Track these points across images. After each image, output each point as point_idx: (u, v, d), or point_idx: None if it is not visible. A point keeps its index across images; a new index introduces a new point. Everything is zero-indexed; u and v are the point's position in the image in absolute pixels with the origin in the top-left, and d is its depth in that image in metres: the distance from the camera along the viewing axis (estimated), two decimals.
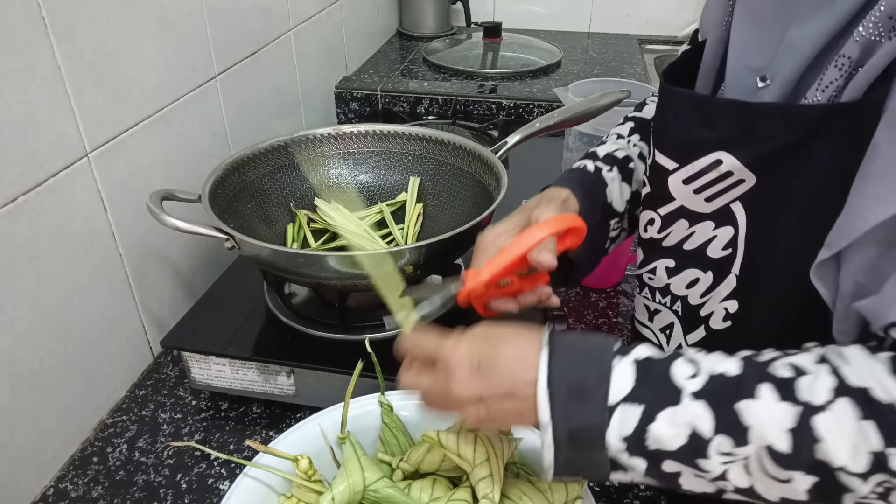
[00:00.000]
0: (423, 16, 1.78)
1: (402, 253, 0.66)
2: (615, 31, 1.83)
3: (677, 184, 0.53)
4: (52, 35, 0.63)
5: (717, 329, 0.55)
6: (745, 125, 0.46)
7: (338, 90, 1.41)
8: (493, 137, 1.28)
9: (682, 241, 0.55)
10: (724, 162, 0.48)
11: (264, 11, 1.06)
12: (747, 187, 0.48)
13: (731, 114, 0.47)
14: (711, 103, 0.50)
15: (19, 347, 0.63)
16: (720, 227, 0.52)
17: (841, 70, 0.43)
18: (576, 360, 0.44)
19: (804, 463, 0.38)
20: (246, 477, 0.55)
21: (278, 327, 0.76)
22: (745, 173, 0.48)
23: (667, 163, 0.53)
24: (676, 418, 0.40)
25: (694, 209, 0.53)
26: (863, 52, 0.41)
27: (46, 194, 0.64)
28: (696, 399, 0.40)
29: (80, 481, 0.68)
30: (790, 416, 0.39)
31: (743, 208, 0.50)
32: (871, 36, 0.40)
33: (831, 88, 0.43)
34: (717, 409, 0.40)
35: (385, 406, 0.60)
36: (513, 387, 0.44)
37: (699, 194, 0.51)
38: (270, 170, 0.86)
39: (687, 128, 0.50)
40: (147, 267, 0.81)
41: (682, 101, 0.51)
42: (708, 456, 0.40)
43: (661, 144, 0.54)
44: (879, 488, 0.38)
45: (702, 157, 0.49)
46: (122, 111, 0.75)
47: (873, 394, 0.37)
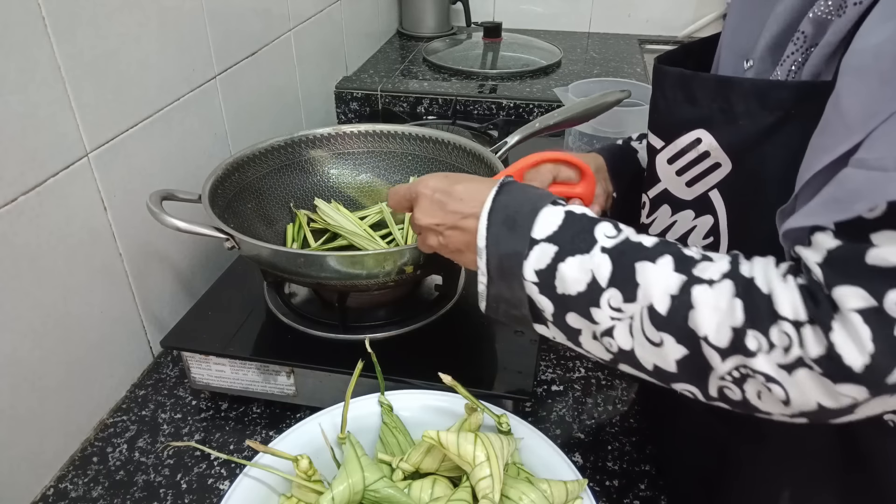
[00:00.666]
0: (423, 16, 1.78)
1: (402, 253, 0.66)
2: (615, 31, 1.83)
3: (663, 163, 0.55)
4: (52, 35, 0.63)
5: None
6: (724, 103, 0.48)
7: (338, 90, 1.41)
8: (493, 137, 1.28)
9: (666, 230, 0.57)
10: (703, 141, 0.50)
11: (264, 11, 1.06)
12: (724, 174, 0.50)
13: (711, 89, 0.49)
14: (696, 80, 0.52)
15: (19, 347, 0.63)
16: (700, 216, 0.53)
17: (796, 45, 0.45)
18: (516, 199, 0.50)
19: (676, 327, 0.42)
20: (246, 477, 0.55)
21: (278, 327, 0.76)
22: (721, 156, 0.49)
23: (655, 142, 0.55)
24: (582, 264, 0.46)
25: (676, 194, 0.55)
26: (816, 29, 0.44)
27: (46, 194, 0.64)
28: (604, 253, 0.45)
29: (80, 481, 0.68)
30: (676, 283, 0.43)
31: (721, 197, 0.51)
32: (824, 14, 0.43)
33: (788, 63, 0.46)
34: (617, 264, 0.45)
35: (385, 406, 0.60)
36: (462, 218, 0.52)
37: (681, 176, 0.53)
38: (270, 170, 0.86)
39: (673, 106, 0.53)
40: (147, 267, 0.81)
41: (670, 78, 0.53)
42: (600, 305, 0.45)
43: (652, 124, 0.57)
44: (736, 372, 0.41)
45: (684, 135, 0.51)
46: (122, 111, 0.75)
47: (755, 282, 0.41)
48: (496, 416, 0.58)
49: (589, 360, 0.81)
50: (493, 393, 0.66)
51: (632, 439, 0.71)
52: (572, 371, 0.80)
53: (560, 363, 0.81)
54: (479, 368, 0.70)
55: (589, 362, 0.81)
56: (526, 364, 0.70)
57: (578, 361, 0.81)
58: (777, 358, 0.39)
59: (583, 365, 0.81)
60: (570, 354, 0.82)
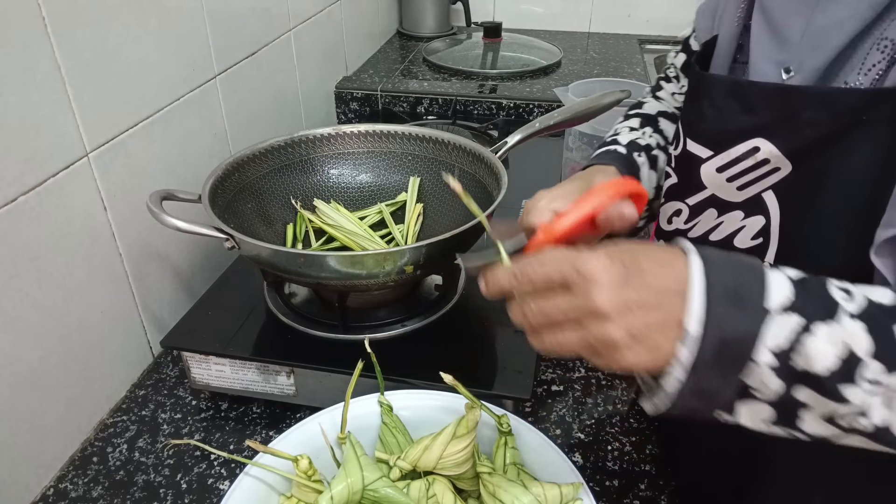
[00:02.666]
0: (423, 16, 1.78)
1: (402, 253, 0.66)
2: (615, 31, 1.83)
3: (710, 172, 0.52)
4: (52, 35, 0.63)
5: None
6: (786, 111, 0.46)
7: (338, 90, 1.41)
8: (493, 137, 1.28)
9: (709, 232, 0.55)
10: (762, 149, 0.48)
11: (264, 11, 1.06)
12: (781, 176, 0.48)
13: (772, 99, 0.47)
14: (753, 88, 0.50)
15: (19, 347, 0.63)
16: (749, 216, 0.51)
17: (883, 52, 0.43)
18: (730, 268, 0.40)
19: None
20: (246, 476, 0.55)
21: (278, 327, 0.76)
22: (782, 161, 0.47)
23: (700, 151, 0.53)
24: (834, 334, 0.37)
25: (724, 198, 0.52)
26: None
27: (46, 194, 0.64)
28: (855, 319, 0.38)
29: (80, 481, 0.68)
30: None
31: (775, 197, 0.49)
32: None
33: (874, 71, 0.43)
34: (875, 333, 0.37)
35: (385, 406, 0.60)
36: (661, 295, 0.39)
37: (732, 182, 0.51)
38: (270, 170, 0.86)
39: (725, 115, 0.50)
40: (147, 267, 0.81)
41: (720, 87, 0.51)
42: (855, 382, 0.37)
43: (694, 133, 0.54)
44: None
45: (739, 144, 0.49)
46: (122, 111, 0.75)
47: None
48: (496, 416, 0.58)
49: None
50: (493, 393, 0.66)
51: (632, 439, 0.71)
52: (572, 371, 0.80)
53: (560, 363, 0.81)
54: (479, 368, 0.70)
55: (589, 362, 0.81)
56: (526, 364, 0.70)
57: (578, 361, 0.81)
58: None
59: (583, 365, 0.81)
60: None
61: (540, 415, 0.74)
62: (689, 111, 0.55)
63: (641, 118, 0.71)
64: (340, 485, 0.52)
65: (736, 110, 0.49)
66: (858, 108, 0.43)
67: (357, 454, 0.55)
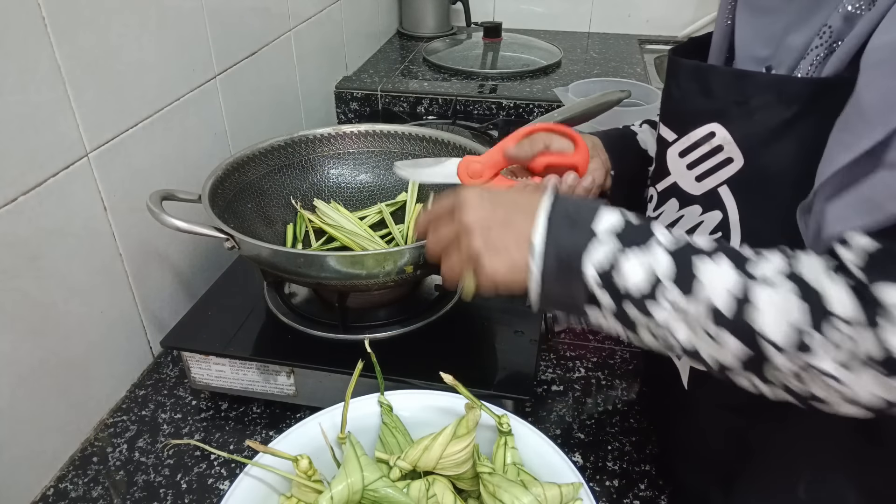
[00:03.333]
0: (423, 16, 1.78)
1: (402, 253, 0.66)
2: (615, 31, 1.83)
3: (674, 156, 0.55)
4: (52, 35, 0.63)
5: None
6: (739, 96, 0.48)
7: (338, 90, 1.41)
8: (493, 137, 1.28)
9: (672, 224, 0.57)
10: (717, 135, 0.50)
11: (264, 11, 1.06)
12: (735, 170, 0.50)
13: (728, 82, 0.49)
14: (713, 72, 0.52)
15: (19, 347, 0.63)
16: (707, 211, 0.53)
17: (822, 38, 0.45)
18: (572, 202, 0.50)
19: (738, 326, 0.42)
20: (247, 476, 0.55)
21: (278, 327, 0.76)
22: (734, 151, 0.49)
23: (668, 134, 0.55)
24: (642, 258, 0.45)
25: (685, 189, 0.55)
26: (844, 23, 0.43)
27: (46, 194, 0.64)
28: (663, 249, 0.45)
29: (80, 481, 0.68)
30: (736, 283, 0.42)
31: (731, 193, 0.51)
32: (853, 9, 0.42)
33: (811, 56, 0.45)
34: (677, 262, 0.44)
35: (385, 406, 0.60)
36: (515, 216, 0.49)
37: (691, 170, 0.53)
38: (270, 170, 0.86)
39: (687, 97, 0.53)
40: (147, 267, 0.81)
41: (686, 70, 0.53)
42: (658, 301, 0.44)
43: (664, 116, 0.57)
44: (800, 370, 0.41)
45: (698, 128, 0.51)
46: (122, 111, 0.75)
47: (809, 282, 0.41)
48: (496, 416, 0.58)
49: (589, 360, 0.81)
50: (493, 393, 0.66)
51: (632, 439, 0.71)
52: (572, 371, 0.80)
53: (560, 363, 0.81)
54: (479, 368, 0.70)
55: (589, 362, 0.81)
56: (526, 364, 0.70)
57: (578, 361, 0.81)
58: (838, 356, 0.39)
59: (583, 365, 0.81)
60: (570, 354, 0.82)
61: (540, 415, 0.74)
62: (663, 94, 0.58)
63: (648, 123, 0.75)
64: (340, 485, 0.52)
65: (696, 93, 0.52)
66: (803, 96, 0.45)
67: (357, 454, 0.54)
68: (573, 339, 0.85)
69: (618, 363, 0.81)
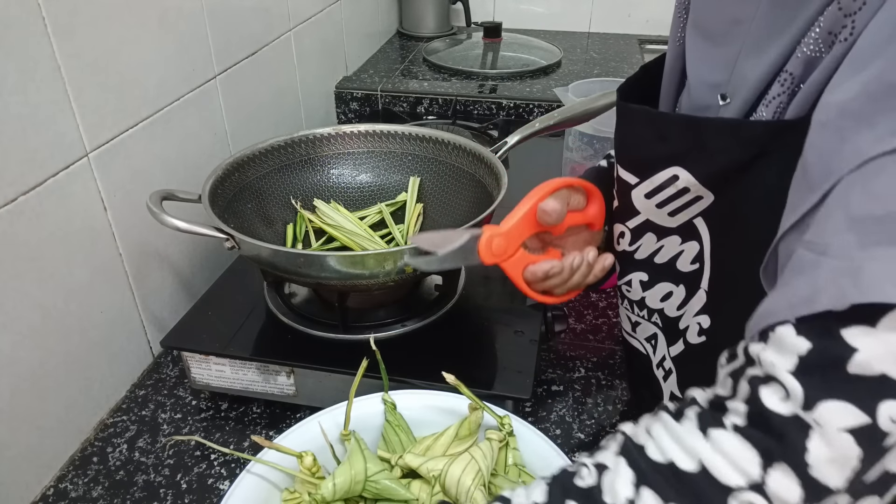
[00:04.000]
0: (423, 16, 1.78)
1: (402, 253, 0.66)
2: (615, 31, 1.83)
3: (640, 198, 0.53)
4: (52, 35, 0.63)
5: (693, 343, 0.54)
6: (696, 141, 0.46)
7: (338, 90, 1.41)
8: (493, 137, 1.28)
9: (653, 255, 0.55)
10: (681, 178, 0.48)
11: (264, 11, 1.06)
12: (706, 204, 0.48)
13: (682, 129, 0.47)
14: (664, 119, 0.50)
15: (19, 347, 0.63)
16: (686, 241, 0.52)
17: (783, 85, 0.43)
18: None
19: None
20: (248, 474, 0.55)
21: (278, 327, 0.76)
22: (701, 190, 0.48)
23: (628, 177, 0.53)
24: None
25: (659, 223, 0.53)
26: (805, 68, 0.42)
27: (46, 194, 0.64)
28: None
29: (80, 481, 0.68)
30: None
31: (706, 224, 0.50)
32: (812, 52, 0.41)
33: (774, 104, 0.44)
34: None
35: (388, 404, 0.60)
36: None
37: (662, 208, 0.51)
38: (270, 170, 0.86)
39: (643, 143, 0.50)
40: (147, 267, 0.81)
41: (637, 116, 0.51)
42: None
43: (621, 159, 0.54)
44: None
45: (660, 172, 0.49)
46: (122, 111, 0.75)
47: (679, 466, 0.36)
48: (499, 417, 0.58)
49: (589, 360, 0.81)
50: (493, 393, 0.66)
51: None
52: (572, 371, 0.80)
53: (560, 363, 0.81)
54: (479, 368, 0.70)
55: (589, 362, 0.81)
56: (526, 364, 0.70)
57: (578, 361, 0.81)
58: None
59: (583, 365, 0.81)
60: (570, 354, 0.82)
61: (540, 415, 0.74)
62: (616, 137, 0.55)
63: None
64: (344, 472, 0.52)
65: (652, 139, 0.49)
66: (761, 139, 0.44)
67: (362, 447, 0.55)
68: (573, 339, 0.85)
69: (618, 363, 0.81)
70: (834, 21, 0.39)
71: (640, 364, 0.63)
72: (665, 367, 0.59)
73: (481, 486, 0.51)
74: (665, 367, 0.59)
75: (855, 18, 0.38)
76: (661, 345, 0.59)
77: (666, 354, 0.58)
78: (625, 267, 0.59)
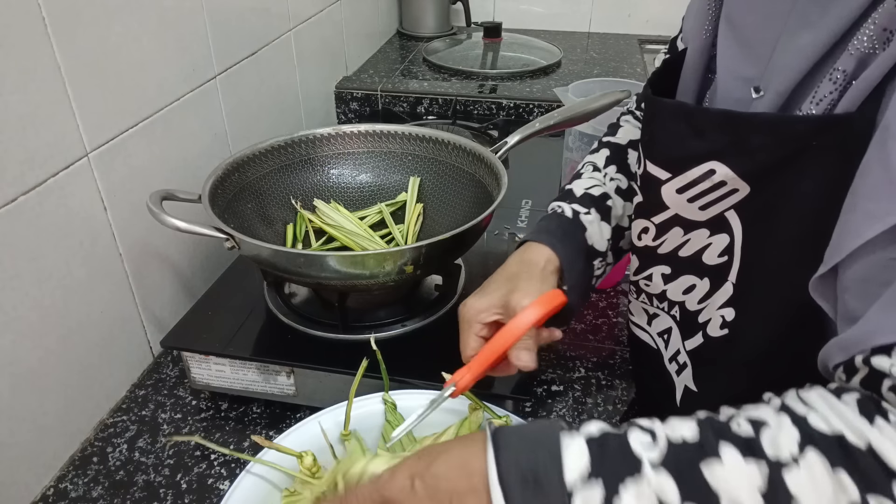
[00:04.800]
0: (423, 16, 1.78)
1: (402, 253, 0.66)
2: (615, 31, 1.83)
3: (671, 193, 0.52)
4: (52, 35, 0.63)
5: (714, 336, 0.54)
6: (735, 136, 0.46)
7: (338, 90, 1.41)
8: (493, 137, 1.28)
9: (678, 249, 0.55)
10: (718, 172, 0.47)
11: (264, 11, 1.06)
12: (741, 196, 0.48)
13: (721, 124, 0.46)
14: (701, 114, 0.49)
15: (19, 347, 0.63)
16: (715, 234, 0.51)
17: (836, 83, 0.42)
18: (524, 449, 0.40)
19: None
20: (248, 474, 0.55)
21: (278, 327, 0.76)
22: (739, 183, 0.47)
23: (659, 173, 0.52)
24: (641, 490, 0.37)
25: (688, 217, 0.52)
26: (858, 64, 0.41)
27: (46, 194, 0.64)
28: (659, 468, 0.38)
29: (80, 481, 0.68)
30: (760, 477, 0.36)
31: (738, 217, 0.49)
32: (866, 49, 0.40)
33: (826, 101, 0.43)
34: (681, 477, 0.37)
35: (389, 404, 0.60)
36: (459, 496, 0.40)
37: (693, 203, 0.51)
38: (270, 170, 0.86)
39: (677, 139, 0.49)
40: (147, 267, 0.81)
41: (671, 111, 0.50)
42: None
43: (651, 155, 0.53)
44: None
45: (694, 168, 0.49)
46: (122, 111, 0.74)
47: (848, 439, 0.35)
48: (499, 417, 0.58)
49: (589, 360, 0.81)
50: (493, 393, 0.66)
51: None
52: (572, 371, 0.80)
53: (560, 363, 0.81)
54: None
55: (589, 362, 0.81)
56: None
57: (578, 361, 0.81)
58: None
59: (583, 365, 0.81)
60: (571, 354, 0.82)
61: (540, 415, 0.74)
62: (645, 132, 0.55)
63: (610, 151, 0.70)
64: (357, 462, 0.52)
65: (688, 134, 0.48)
66: (806, 136, 0.43)
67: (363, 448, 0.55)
68: (573, 339, 0.85)
69: (618, 363, 0.81)
70: (890, 18, 0.38)
71: (650, 359, 0.63)
72: (679, 360, 0.59)
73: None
74: (679, 360, 0.59)
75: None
76: (674, 339, 0.59)
77: (681, 348, 0.58)
78: (645, 262, 0.58)
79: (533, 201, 1.02)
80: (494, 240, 0.94)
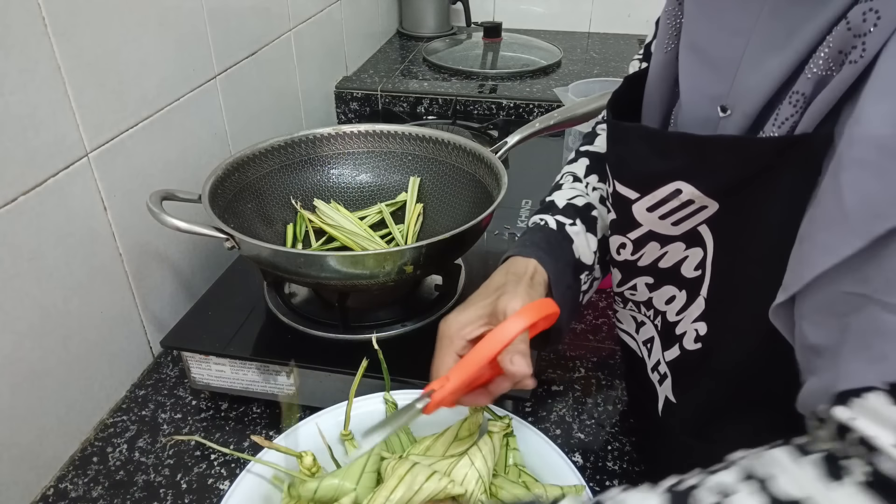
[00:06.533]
0: (423, 16, 1.78)
1: (402, 253, 0.66)
2: (615, 31, 1.83)
3: (642, 211, 0.51)
4: (52, 35, 0.63)
5: (689, 349, 0.54)
6: (697, 157, 0.45)
7: (338, 90, 1.41)
8: (493, 137, 1.28)
9: (657, 261, 0.54)
10: (685, 191, 0.47)
11: (264, 11, 1.06)
12: (711, 212, 0.48)
13: (683, 145, 0.46)
14: (663, 137, 0.49)
15: (19, 347, 0.63)
16: (690, 247, 0.51)
17: (795, 106, 0.42)
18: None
19: None
20: (249, 473, 0.55)
21: (278, 327, 0.76)
22: (706, 200, 0.47)
23: (628, 193, 0.52)
24: None
25: (663, 232, 0.52)
26: (815, 87, 0.41)
27: (46, 194, 0.64)
28: None
29: (80, 481, 0.68)
30: None
31: (710, 231, 0.49)
32: (822, 71, 0.40)
33: (787, 124, 0.42)
34: None
35: (390, 403, 0.60)
36: None
37: (665, 220, 0.50)
38: (270, 170, 0.86)
39: (641, 160, 0.49)
40: (147, 267, 0.81)
41: (633, 134, 0.50)
42: None
43: (618, 176, 0.53)
44: None
45: (661, 187, 0.48)
46: (122, 111, 0.75)
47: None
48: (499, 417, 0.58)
49: (589, 360, 0.81)
50: None
51: (632, 439, 0.71)
52: (572, 371, 0.80)
53: (560, 363, 0.81)
54: None
55: (589, 362, 0.81)
56: None
57: (578, 361, 0.81)
58: None
59: (583, 365, 0.81)
60: (571, 354, 0.82)
61: (540, 415, 0.74)
62: (610, 153, 0.54)
63: (590, 160, 0.68)
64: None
65: (651, 155, 0.48)
66: (765, 156, 0.43)
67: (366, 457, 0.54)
68: (573, 339, 0.85)
69: (618, 363, 0.81)
70: (844, 41, 0.38)
71: (637, 366, 0.63)
72: (660, 371, 0.59)
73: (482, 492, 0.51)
74: (660, 371, 0.59)
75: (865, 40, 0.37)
76: (656, 348, 0.59)
77: (661, 359, 0.58)
78: (627, 274, 0.58)
79: (533, 201, 1.02)
80: (494, 240, 0.94)
